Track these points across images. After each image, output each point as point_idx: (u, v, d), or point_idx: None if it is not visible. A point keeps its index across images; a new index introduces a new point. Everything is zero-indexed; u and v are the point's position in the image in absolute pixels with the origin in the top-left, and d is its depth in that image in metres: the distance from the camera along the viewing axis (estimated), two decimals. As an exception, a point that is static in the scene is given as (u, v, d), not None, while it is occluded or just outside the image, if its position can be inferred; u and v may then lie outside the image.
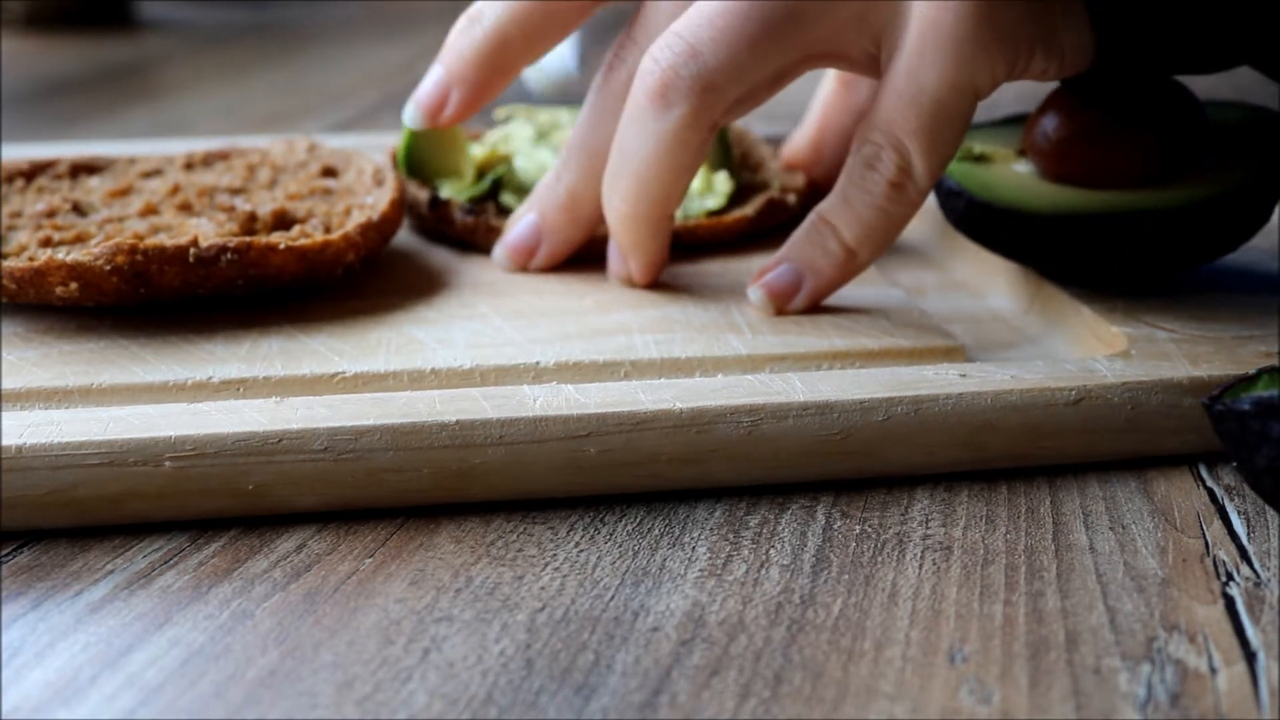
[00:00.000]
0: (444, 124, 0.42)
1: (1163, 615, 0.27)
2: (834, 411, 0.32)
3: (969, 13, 0.35)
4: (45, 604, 0.27)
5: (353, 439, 0.30)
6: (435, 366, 0.35)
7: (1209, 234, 0.39)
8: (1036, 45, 0.36)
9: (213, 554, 0.29)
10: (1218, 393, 0.29)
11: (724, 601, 0.28)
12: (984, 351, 0.39)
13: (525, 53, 0.41)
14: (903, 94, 0.36)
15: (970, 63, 0.35)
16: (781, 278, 0.38)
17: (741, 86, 0.36)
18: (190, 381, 0.34)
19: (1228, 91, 0.47)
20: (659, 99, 0.36)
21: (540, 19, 0.41)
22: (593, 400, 0.31)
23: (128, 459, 0.29)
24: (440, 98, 0.42)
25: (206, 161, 0.47)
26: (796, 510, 0.32)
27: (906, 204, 0.37)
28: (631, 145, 0.37)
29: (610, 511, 0.31)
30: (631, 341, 0.36)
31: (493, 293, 0.41)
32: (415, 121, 0.42)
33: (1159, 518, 0.31)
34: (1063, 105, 0.40)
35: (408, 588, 0.28)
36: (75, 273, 0.35)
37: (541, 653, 0.26)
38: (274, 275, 0.37)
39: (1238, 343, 0.36)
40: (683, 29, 0.36)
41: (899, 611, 0.27)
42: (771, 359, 0.36)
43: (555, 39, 0.41)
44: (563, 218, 0.42)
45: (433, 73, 0.42)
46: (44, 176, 0.45)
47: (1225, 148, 0.41)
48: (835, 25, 0.36)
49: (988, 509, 0.32)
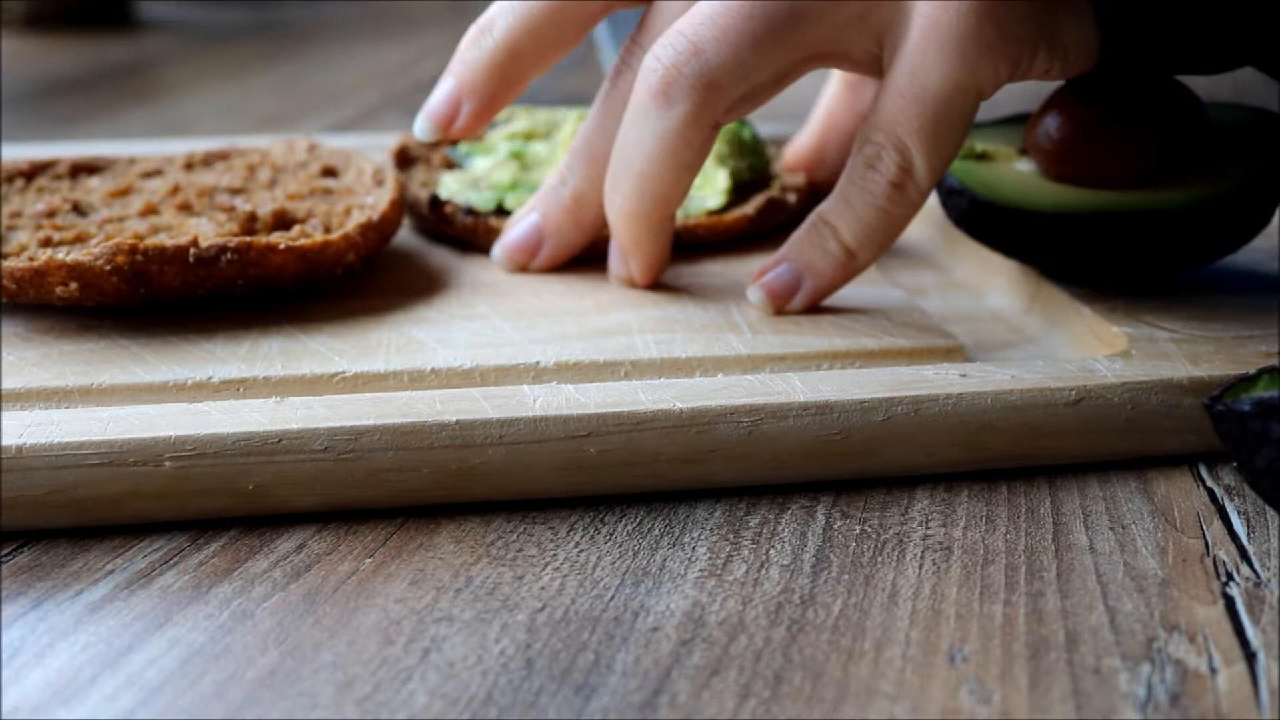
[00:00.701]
0: (455, 136, 0.42)
1: (1163, 615, 0.27)
2: (834, 411, 0.32)
3: (972, 12, 0.35)
4: (45, 604, 0.27)
5: (353, 439, 0.30)
6: (435, 366, 0.35)
7: (1210, 234, 0.39)
8: (1040, 45, 0.36)
9: (213, 554, 0.29)
10: (1218, 393, 0.29)
11: (724, 601, 0.28)
12: (984, 351, 0.39)
13: (537, 62, 0.41)
14: (905, 93, 0.36)
15: (973, 62, 0.35)
16: (781, 278, 0.38)
17: (744, 85, 0.36)
18: (190, 381, 0.34)
19: (1228, 92, 0.47)
20: (661, 96, 0.36)
21: (551, 27, 0.40)
22: (593, 400, 0.31)
23: (128, 459, 0.29)
24: (452, 110, 0.42)
25: (206, 161, 0.47)
26: (796, 510, 0.32)
27: (907, 204, 0.37)
28: (633, 143, 0.37)
29: (610, 511, 0.31)
30: (631, 341, 0.36)
31: (493, 293, 0.41)
32: (426, 134, 0.42)
33: (1159, 518, 0.31)
34: (1065, 105, 0.40)
35: (408, 588, 0.28)
36: (75, 273, 0.35)
37: (541, 653, 0.26)
38: (274, 275, 0.37)
39: (1238, 343, 0.36)
40: (685, 27, 0.36)
41: (899, 611, 0.27)
42: (771, 359, 0.36)
43: (567, 47, 0.41)
44: (566, 220, 0.42)
45: (443, 84, 0.42)
46: (44, 176, 0.45)
47: (1227, 149, 0.41)
48: (837, 25, 0.36)
49: (988, 509, 0.32)
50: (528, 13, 0.40)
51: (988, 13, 0.35)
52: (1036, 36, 0.35)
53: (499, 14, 0.41)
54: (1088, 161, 0.40)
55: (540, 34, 0.40)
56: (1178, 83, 0.40)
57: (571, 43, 0.41)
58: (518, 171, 0.47)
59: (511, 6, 0.40)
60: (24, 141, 0.67)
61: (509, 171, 0.47)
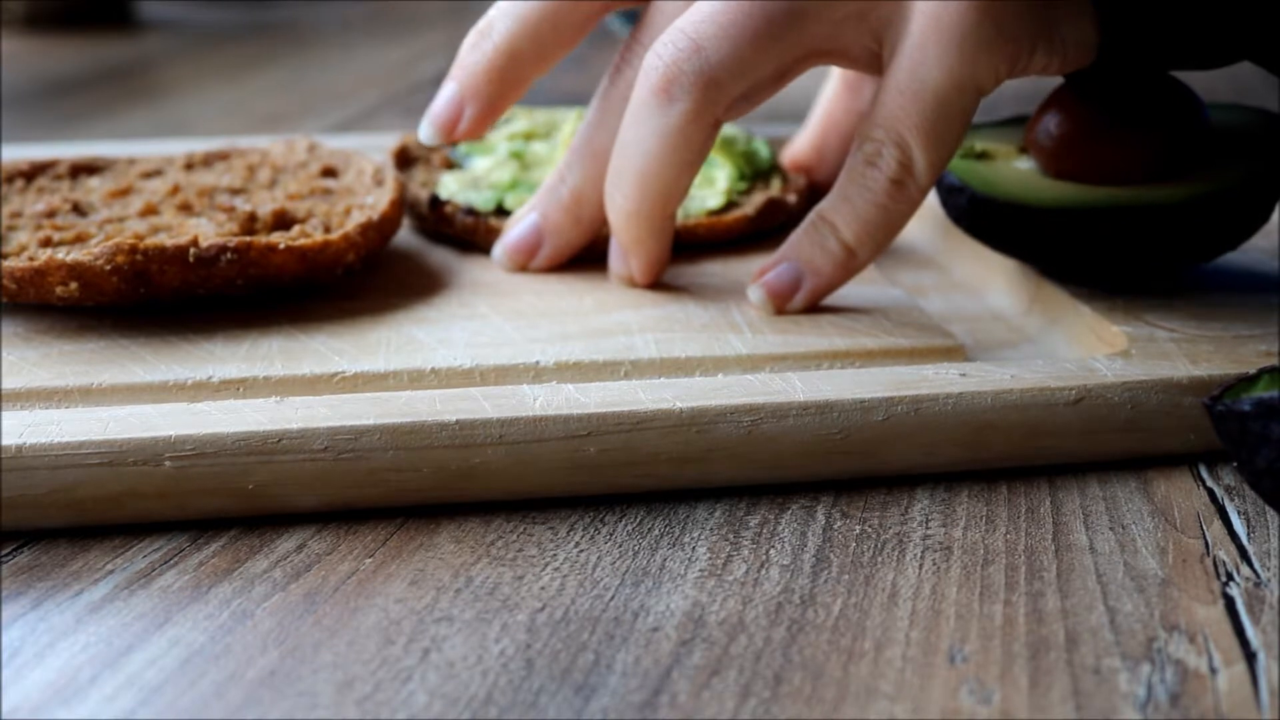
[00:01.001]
0: (459, 139, 0.42)
1: (1163, 615, 0.27)
2: (834, 411, 0.32)
3: (973, 9, 0.35)
4: (45, 604, 0.27)
5: (353, 438, 0.30)
6: (435, 366, 0.35)
7: (1210, 230, 0.39)
8: (1039, 42, 0.36)
9: (213, 554, 0.29)
10: (1219, 393, 0.29)
11: (724, 601, 0.28)
12: (984, 351, 0.39)
13: (537, 64, 0.41)
14: (905, 90, 0.36)
15: (973, 59, 0.35)
16: (781, 276, 0.38)
17: (744, 83, 0.36)
18: (190, 381, 0.34)
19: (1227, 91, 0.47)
20: (662, 93, 0.36)
21: (550, 29, 0.40)
22: (593, 399, 0.31)
23: (127, 458, 0.29)
24: (454, 114, 0.42)
25: (206, 162, 0.47)
26: (796, 510, 0.32)
27: (907, 201, 0.37)
28: (634, 141, 0.37)
29: (610, 511, 0.31)
30: (631, 341, 0.36)
31: (493, 293, 0.41)
32: (431, 139, 0.42)
33: (1159, 518, 0.31)
34: (1065, 103, 0.40)
35: (408, 588, 0.28)
36: (75, 273, 0.35)
37: (541, 653, 0.26)
38: (274, 275, 0.37)
39: (1238, 342, 0.36)
40: (686, 25, 0.36)
41: (899, 611, 0.27)
42: (771, 358, 0.36)
43: (566, 48, 0.41)
44: (565, 219, 0.42)
45: (445, 89, 0.42)
46: (44, 177, 0.45)
47: (1226, 147, 0.41)
48: (836, 22, 0.36)
49: (988, 509, 0.32)
50: (526, 15, 0.40)
51: (987, 10, 0.35)
52: (1035, 33, 0.35)
53: (498, 17, 0.41)
54: (1088, 159, 0.40)
55: (539, 36, 0.40)
56: (1177, 81, 0.40)
57: (571, 44, 0.41)
58: (518, 171, 0.47)
59: (510, 9, 0.41)
60: (24, 141, 0.67)
61: (509, 171, 0.47)
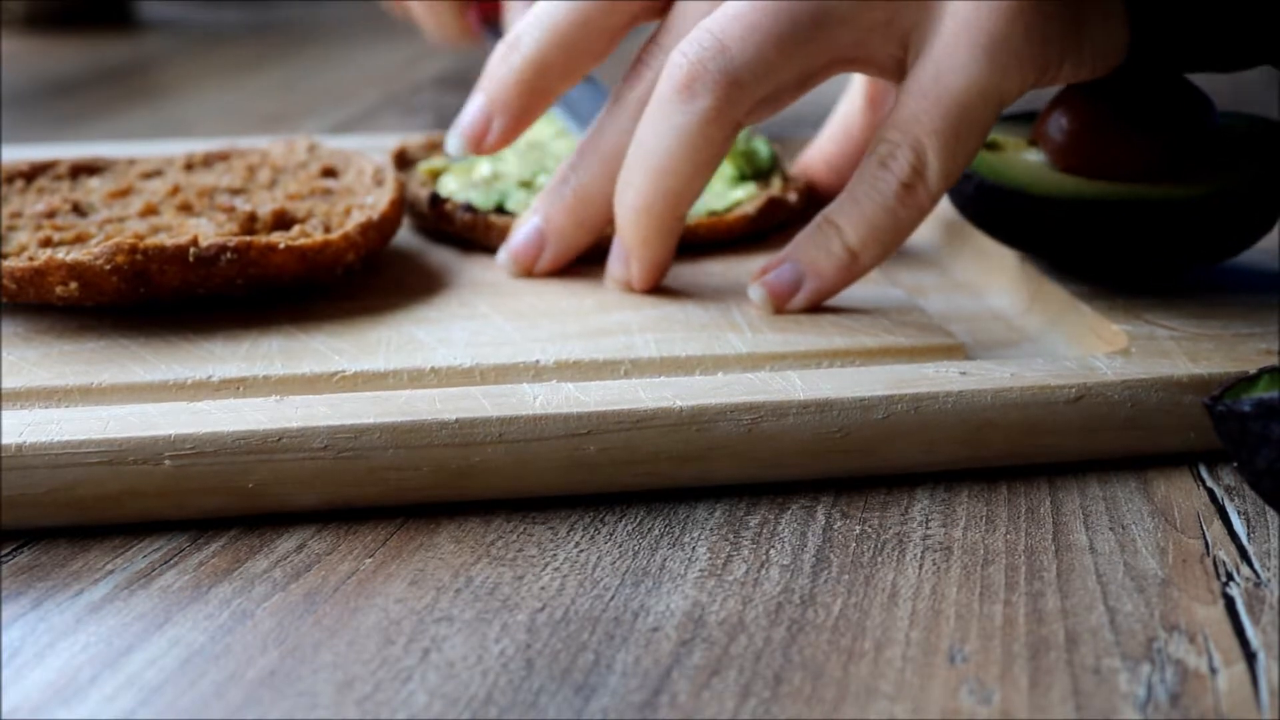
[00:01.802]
0: (486, 151, 0.42)
1: (1163, 615, 0.27)
2: (834, 409, 0.32)
3: (1005, 13, 0.35)
4: (45, 604, 0.27)
5: (353, 437, 0.30)
6: (435, 365, 0.35)
7: (1214, 231, 0.39)
8: (1068, 55, 0.36)
9: (213, 554, 0.29)
10: (1219, 393, 0.29)
11: (724, 601, 0.28)
12: (984, 350, 0.39)
13: (565, 75, 0.41)
14: (927, 92, 0.36)
15: (1002, 68, 0.35)
16: (782, 277, 0.38)
17: (767, 85, 0.36)
18: (190, 381, 0.34)
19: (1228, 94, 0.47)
20: (685, 90, 0.36)
21: (579, 41, 0.40)
22: (593, 398, 0.31)
23: (127, 458, 0.29)
24: (483, 126, 0.42)
25: (206, 162, 0.47)
26: (796, 510, 0.32)
27: (916, 207, 0.37)
28: (652, 138, 0.37)
29: (610, 511, 0.31)
30: (631, 340, 0.36)
31: (493, 292, 0.41)
32: (459, 151, 0.42)
33: (1159, 518, 0.31)
34: (1077, 99, 0.40)
35: (408, 588, 0.28)
36: (75, 272, 0.35)
37: (541, 653, 0.26)
38: (274, 275, 0.37)
39: (1238, 340, 0.36)
40: (712, 25, 0.36)
41: (899, 611, 0.27)
42: (771, 357, 0.36)
43: (595, 60, 0.41)
44: (568, 220, 0.42)
45: (474, 101, 0.42)
46: (44, 177, 0.45)
47: (1233, 152, 0.41)
48: (863, 28, 0.36)
49: (988, 509, 0.32)
50: (555, 27, 0.40)
51: (1020, 13, 0.35)
52: (1065, 40, 0.35)
53: (526, 30, 0.41)
54: (1097, 154, 0.40)
55: (568, 48, 0.40)
56: (1189, 82, 0.40)
57: (600, 57, 0.41)
58: (530, 163, 0.47)
59: (539, 21, 0.40)
60: (24, 142, 0.67)
61: (518, 166, 0.47)
